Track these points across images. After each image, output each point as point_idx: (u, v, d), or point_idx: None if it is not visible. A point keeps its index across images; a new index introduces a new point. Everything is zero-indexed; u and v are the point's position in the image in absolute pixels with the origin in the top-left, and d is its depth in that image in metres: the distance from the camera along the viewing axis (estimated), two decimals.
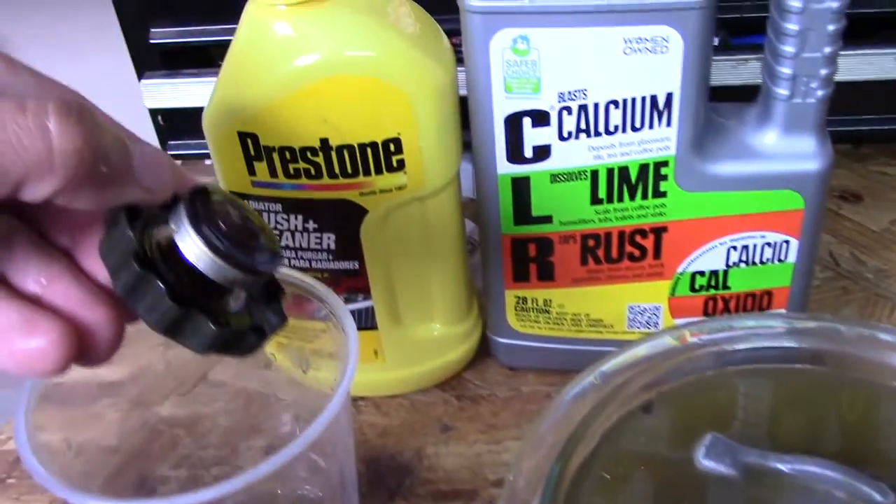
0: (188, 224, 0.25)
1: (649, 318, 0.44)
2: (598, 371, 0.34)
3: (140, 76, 0.63)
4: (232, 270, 0.26)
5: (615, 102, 0.37)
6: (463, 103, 0.40)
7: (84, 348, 0.25)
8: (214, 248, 0.25)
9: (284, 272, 0.36)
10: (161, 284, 0.25)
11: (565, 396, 0.34)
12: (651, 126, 0.38)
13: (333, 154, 0.38)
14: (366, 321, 0.44)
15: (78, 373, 0.27)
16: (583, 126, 0.38)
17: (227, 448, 0.45)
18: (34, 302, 0.25)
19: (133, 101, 0.62)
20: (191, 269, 0.26)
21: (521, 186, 0.40)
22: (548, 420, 0.33)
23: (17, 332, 0.24)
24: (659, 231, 0.41)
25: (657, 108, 0.37)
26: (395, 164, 0.38)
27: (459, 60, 0.39)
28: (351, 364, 0.32)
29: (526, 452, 0.31)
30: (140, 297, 0.25)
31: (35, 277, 0.26)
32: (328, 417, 0.30)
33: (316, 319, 0.38)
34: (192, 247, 0.25)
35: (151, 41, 0.62)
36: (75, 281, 0.26)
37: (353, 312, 0.43)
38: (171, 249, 0.26)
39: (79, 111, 0.22)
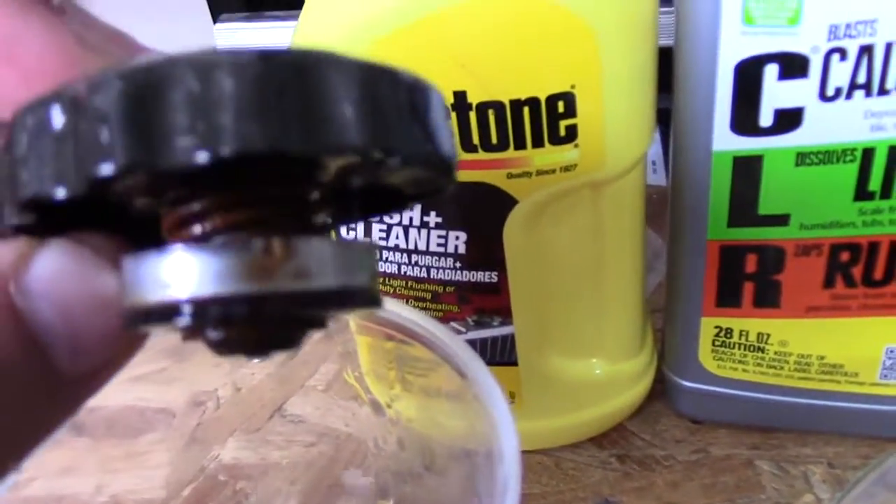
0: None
1: None
2: None
3: (215, 19, 0.52)
4: None
5: None
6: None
7: None
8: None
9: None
10: None
11: None
12: None
13: (472, 116, 0.25)
14: (502, 353, 0.31)
15: (122, 396, 0.22)
16: (861, 79, 0.25)
17: None
18: None
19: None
20: None
21: (747, 170, 0.27)
22: None
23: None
24: None
25: None
26: (563, 132, 0.26)
27: None
28: None
29: None
30: None
31: None
32: None
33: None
34: None
35: None
36: None
37: (486, 341, 0.31)
38: None
39: None
